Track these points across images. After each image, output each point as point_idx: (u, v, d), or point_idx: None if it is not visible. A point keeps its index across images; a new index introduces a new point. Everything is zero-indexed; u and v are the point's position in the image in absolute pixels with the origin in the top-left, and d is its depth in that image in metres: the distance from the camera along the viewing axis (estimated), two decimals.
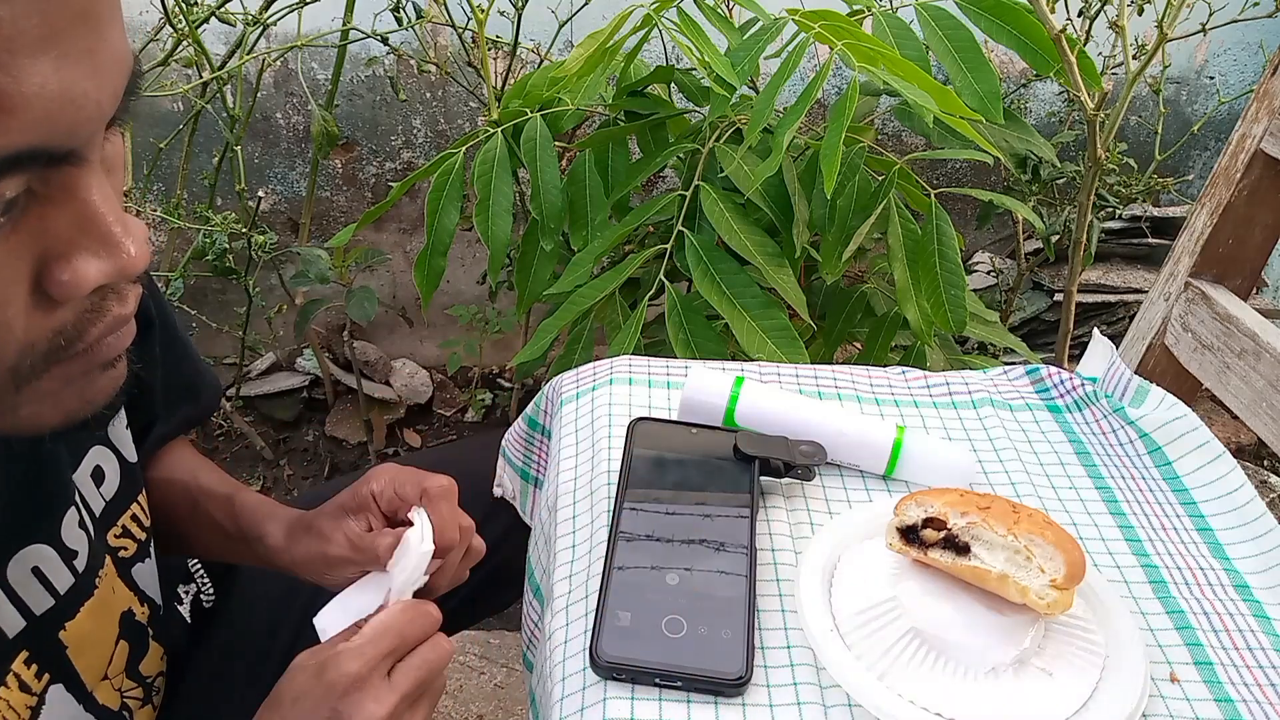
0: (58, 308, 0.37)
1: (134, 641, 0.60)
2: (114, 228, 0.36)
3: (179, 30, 1.29)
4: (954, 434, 0.72)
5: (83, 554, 0.55)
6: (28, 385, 0.37)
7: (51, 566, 0.53)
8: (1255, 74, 1.96)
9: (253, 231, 1.44)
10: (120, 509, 0.60)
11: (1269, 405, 0.73)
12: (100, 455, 0.59)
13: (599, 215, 1.12)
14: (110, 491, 0.59)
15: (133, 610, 0.60)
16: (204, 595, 0.78)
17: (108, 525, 0.59)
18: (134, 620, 0.60)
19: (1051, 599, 0.49)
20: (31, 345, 0.37)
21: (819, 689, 0.50)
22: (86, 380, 0.40)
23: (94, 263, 0.36)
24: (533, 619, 0.65)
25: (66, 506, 0.54)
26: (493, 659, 1.41)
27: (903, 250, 1.01)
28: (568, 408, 0.74)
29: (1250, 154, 0.79)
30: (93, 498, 0.58)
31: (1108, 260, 2.01)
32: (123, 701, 0.58)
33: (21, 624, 0.51)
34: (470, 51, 1.48)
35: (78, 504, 0.55)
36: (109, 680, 0.57)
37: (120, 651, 0.59)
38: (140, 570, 0.62)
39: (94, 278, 0.36)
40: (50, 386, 0.38)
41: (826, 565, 0.56)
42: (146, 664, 0.61)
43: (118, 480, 0.60)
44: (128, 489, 0.61)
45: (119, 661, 0.58)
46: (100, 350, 0.39)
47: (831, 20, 0.92)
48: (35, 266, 0.35)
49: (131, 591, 0.61)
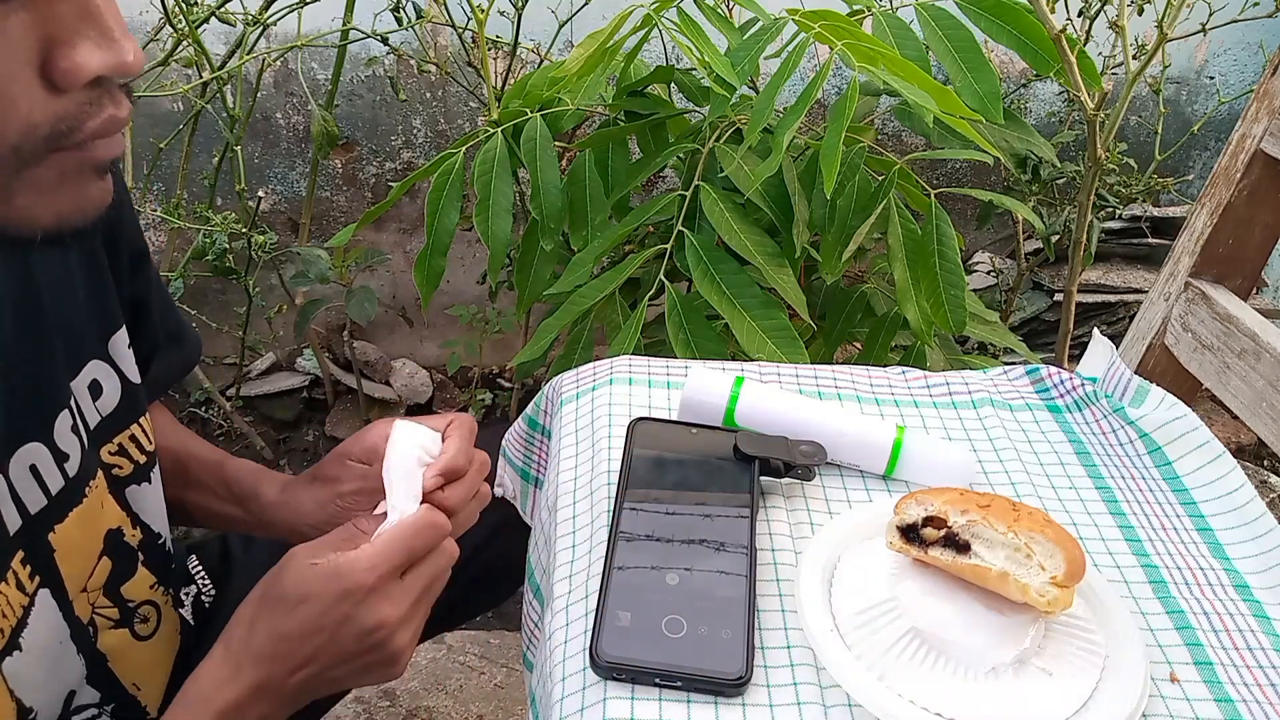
0: (60, 95, 0.40)
1: (119, 561, 0.60)
2: (114, 27, 0.40)
3: (179, 30, 1.29)
4: (954, 434, 0.72)
5: (74, 459, 0.56)
6: (27, 169, 0.40)
7: (45, 466, 0.54)
8: (1255, 74, 1.96)
9: (253, 231, 1.44)
10: (118, 426, 0.61)
11: (1269, 405, 0.73)
12: (99, 369, 0.59)
13: (599, 215, 1.12)
14: (108, 407, 0.60)
15: (122, 530, 0.61)
16: (205, 596, 0.78)
17: (102, 440, 0.60)
18: (121, 540, 0.61)
19: (1052, 596, 0.49)
20: (34, 127, 0.39)
21: (819, 689, 0.50)
22: (80, 181, 0.42)
23: (95, 53, 0.39)
24: (533, 619, 0.65)
25: (61, 408, 0.55)
26: (493, 659, 1.41)
27: (903, 250, 1.01)
28: (568, 408, 0.74)
29: (1250, 154, 0.79)
30: (88, 409, 0.58)
31: (1108, 260, 2.01)
32: (92, 616, 0.59)
33: (19, 522, 0.52)
34: (470, 51, 1.48)
35: (72, 409, 0.56)
36: (86, 593, 0.58)
37: (102, 567, 0.59)
38: (136, 493, 0.62)
39: (94, 67, 0.39)
40: (46, 176, 0.41)
41: (826, 565, 0.56)
42: (131, 588, 0.62)
43: (117, 397, 0.61)
44: (128, 408, 0.62)
45: (99, 577, 0.59)
46: (94, 149, 0.42)
47: (831, 20, 0.92)
48: (42, 49, 0.38)
49: (124, 511, 0.61)
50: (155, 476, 0.64)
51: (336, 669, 0.53)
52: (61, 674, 0.56)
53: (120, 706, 0.61)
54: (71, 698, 0.57)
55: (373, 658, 0.53)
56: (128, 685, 0.61)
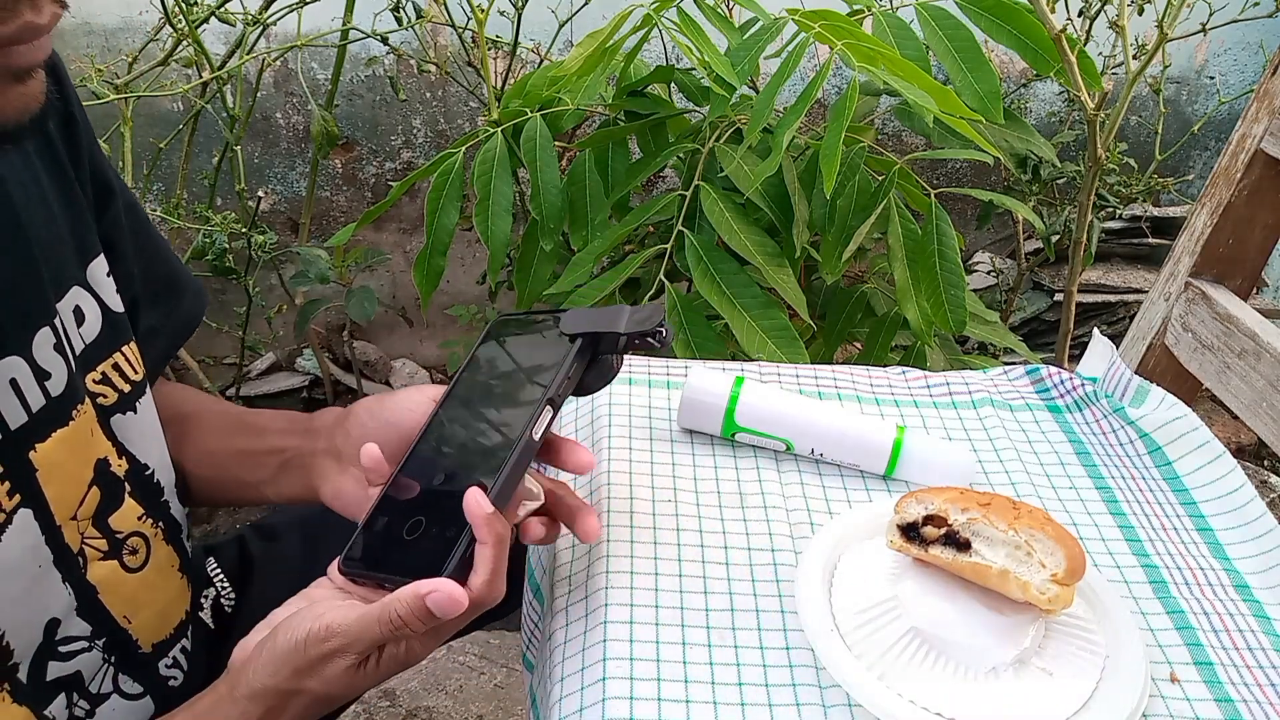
0: None
1: (106, 491, 0.60)
2: None
3: (179, 30, 1.29)
4: (954, 434, 0.72)
5: (58, 379, 0.56)
6: None
7: (25, 382, 0.53)
8: (1255, 74, 1.96)
9: (253, 231, 1.44)
10: (101, 354, 0.61)
11: (1269, 405, 0.73)
12: (80, 296, 0.59)
13: (599, 215, 1.12)
14: (91, 334, 0.60)
15: (109, 460, 0.60)
16: (224, 599, 0.77)
17: (87, 367, 0.59)
18: (109, 470, 0.60)
19: (1053, 594, 0.49)
20: None
21: (819, 689, 0.50)
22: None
23: None
24: (533, 619, 0.65)
25: (41, 324, 0.55)
26: (493, 659, 1.41)
27: (903, 250, 1.01)
28: (567, 408, 0.74)
29: (1250, 154, 0.79)
30: (74, 334, 0.58)
31: (1108, 260, 2.01)
32: (82, 546, 0.59)
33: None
34: (470, 51, 1.48)
35: (56, 329, 0.56)
36: (76, 522, 0.58)
37: (92, 497, 0.59)
38: (121, 422, 0.62)
39: None
40: None
41: (826, 565, 0.56)
42: (119, 519, 0.61)
43: (99, 324, 0.60)
44: (110, 336, 0.61)
45: (89, 506, 0.59)
46: (12, 56, 0.41)
47: (831, 20, 0.92)
48: None
49: (110, 442, 0.61)
50: (141, 406, 0.64)
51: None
52: (41, 598, 0.55)
53: (112, 639, 0.61)
54: (55, 628, 0.57)
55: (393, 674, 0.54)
56: (118, 618, 0.61)
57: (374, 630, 0.49)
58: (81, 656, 0.58)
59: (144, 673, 0.63)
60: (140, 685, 0.63)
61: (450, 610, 0.48)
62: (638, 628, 0.53)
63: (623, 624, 0.54)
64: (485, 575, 0.49)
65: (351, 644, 0.49)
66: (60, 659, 0.57)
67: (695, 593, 0.56)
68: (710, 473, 0.66)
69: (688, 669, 0.51)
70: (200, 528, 1.68)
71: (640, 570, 0.58)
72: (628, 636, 0.53)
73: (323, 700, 0.51)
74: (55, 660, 0.57)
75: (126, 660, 0.62)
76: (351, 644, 0.49)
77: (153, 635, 0.64)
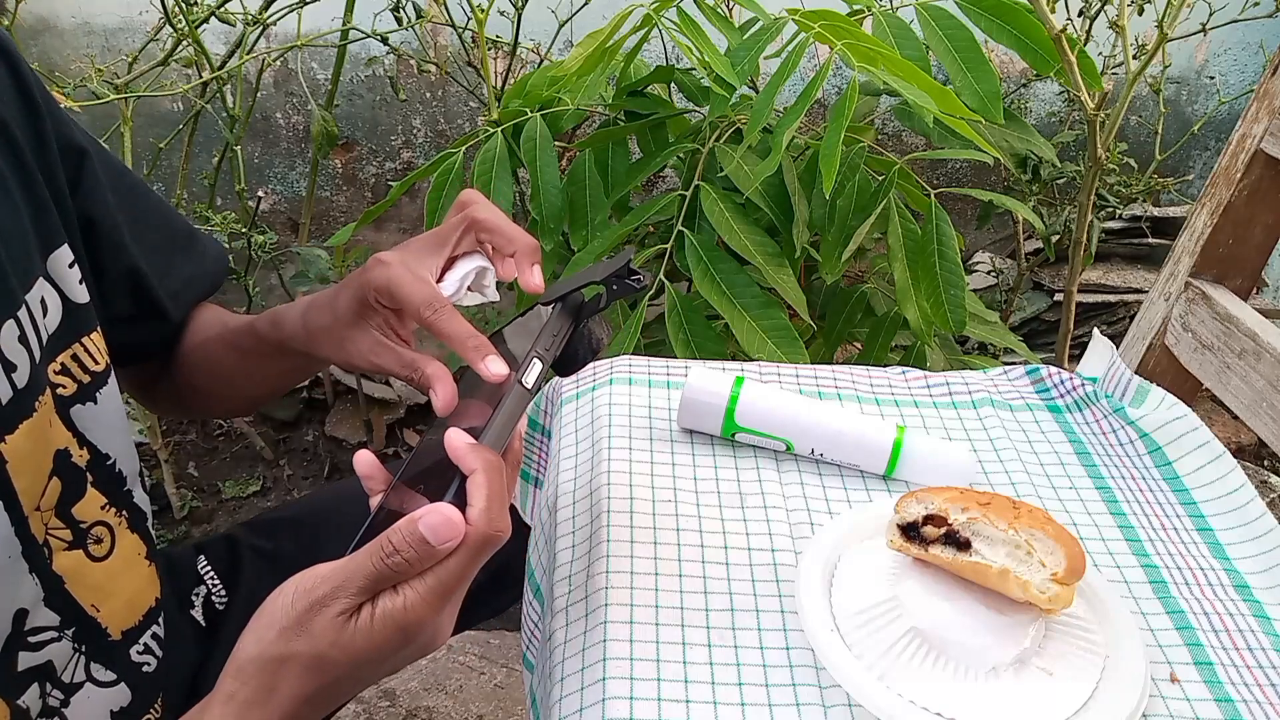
0: None
1: (67, 482, 0.60)
2: None
3: (179, 30, 1.29)
4: (954, 434, 0.72)
5: (22, 371, 0.55)
6: None
7: None
8: (1255, 74, 1.96)
9: (253, 231, 1.44)
10: (60, 346, 0.61)
11: (1269, 405, 0.73)
12: (43, 288, 0.59)
13: (599, 215, 1.12)
14: (52, 325, 0.60)
15: (69, 451, 0.60)
16: (215, 598, 0.78)
17: (47, 359, 0.60)
18: (69, 461, 0.60)
19: (1053, 593, 0.49)
20: None
21: (819, 689, 0.50)
22: None
23: None
24: (533, 619, 0.65)
25: (5, 317, 0.55)
26: (493, 659, 1.41)
27: (903, 250, 1.01)
28: (568, 408, 0.74)
29: (1250, 154, 0.79)
30: (40, 324, 0.58)
31: (1108, 260, 2.01)
32: (46, 536, 0.58)
33: None
34: (470, 51, 1.48)
35: (20, 320, 0.56)
36: (40, 513, 0.58)
37: (53, 488, 0.59)
38: (81, 413, 0.62)
39: None
40: None
41: (826, 565, 0.56)
42: (82, 509, 0.61)
43: (59, 316, 0.60)
44: (69, 327, 0.61)
45: (50, 497, 0.59)
46: None
47: (831, 20, 0.92)
48: None
49: (70, 432, 0.61)
50: (103, 397, 0.63)
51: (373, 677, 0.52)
52: (8, 589, 0.55)
53: (81, 628, 0.61)
54: (24, 618, 0.57)
55: (414, 655, 0.52)
56: (86, 606, 0.61)
57: (366, 566, 0.46)
58: (51, 646, 0.58)
59: (116, 660, 0.63)
60: (113, 673, 0.63)
61: (445, 533, 0.45)
62: (638, 628, 0.54)
63: (623, 624, 0.54)
64: (482, 503, 0.46)
65: (342, 585, 0.46)
66: (30, 649, 0.57)
67: (695, 593, 0.56)
68: (710, 473, 0.66)
69: (688, 669, 0.51)
70: (200, 528, 1.68)
71: (640, 570, 0.58)
72: (628, 636, 0.53)
73: (314, 669, 0.47)
74: (25, 650, 0.57)
75: (97, 649, 0.62)
76: (342, 585, 0.46)
77: (122, 623, 0.64)
